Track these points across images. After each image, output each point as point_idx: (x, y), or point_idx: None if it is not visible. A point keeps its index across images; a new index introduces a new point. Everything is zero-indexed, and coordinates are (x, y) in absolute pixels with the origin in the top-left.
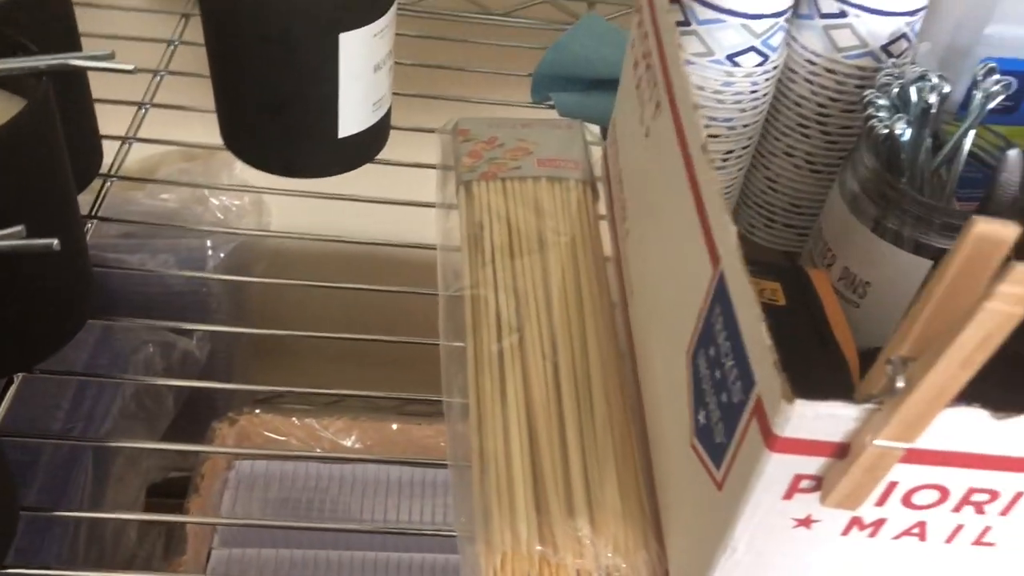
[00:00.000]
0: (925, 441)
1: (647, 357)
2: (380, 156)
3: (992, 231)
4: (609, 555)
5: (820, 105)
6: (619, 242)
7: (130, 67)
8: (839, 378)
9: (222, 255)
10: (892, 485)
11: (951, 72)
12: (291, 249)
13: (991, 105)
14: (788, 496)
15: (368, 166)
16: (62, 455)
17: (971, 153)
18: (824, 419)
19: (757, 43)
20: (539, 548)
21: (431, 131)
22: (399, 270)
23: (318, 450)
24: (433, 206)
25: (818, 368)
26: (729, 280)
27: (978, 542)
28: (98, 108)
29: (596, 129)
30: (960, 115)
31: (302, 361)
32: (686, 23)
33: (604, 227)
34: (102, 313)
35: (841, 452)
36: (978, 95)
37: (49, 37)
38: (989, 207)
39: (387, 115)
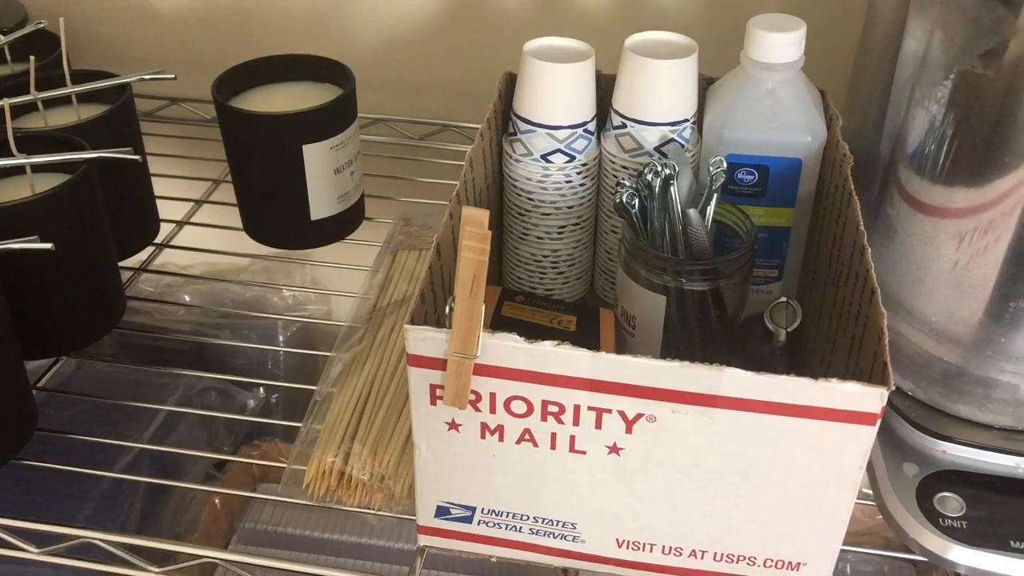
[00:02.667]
0: (489, 357)
1: None
2: (354, 237)
3: (469, 212)
4: (379, 468)
5: None
6: None
7: (137, 157)
8: None
9: (288, 334)
10: (493, 395)
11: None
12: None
13: (716, 185)
14: (433, 403)
15: None
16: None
17: (719, 222)
18: (428, 340)
19: (562, 146)
20: (335, 462)
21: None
22: None
23: None
24: None
25: None
26: None
27: (572, 449)
28: (166, 203)
29: None
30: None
31: None
32: (513, 133)
33: None
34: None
35: (444, 365)
36: (709, 179)
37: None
38: (689, 251)
39: (355, 206)
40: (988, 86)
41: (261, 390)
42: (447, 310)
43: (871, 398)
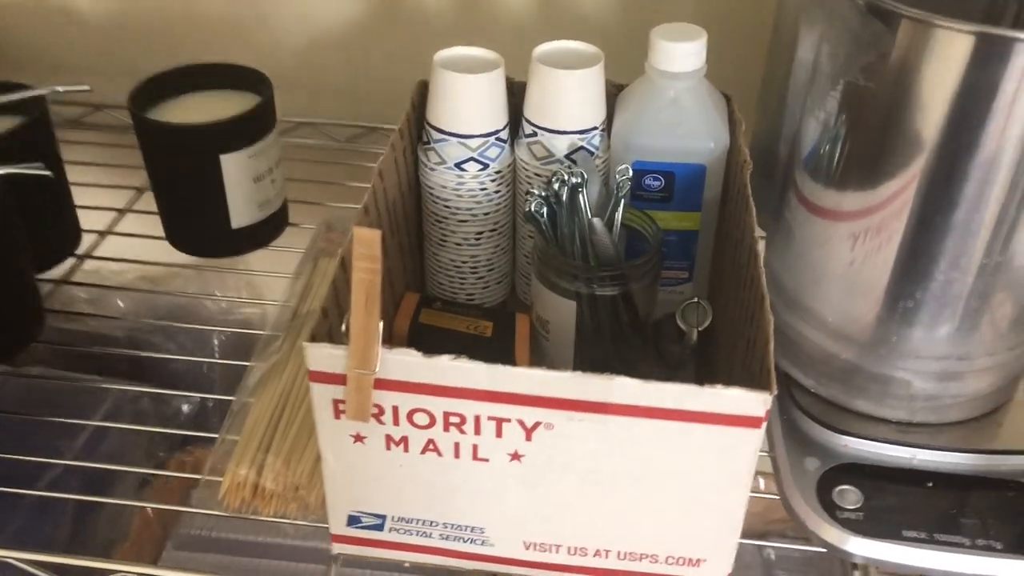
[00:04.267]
0: (389, 371)
1: None
2: (279, 243)
3: (360, 232)
4: (293, 479)
5: None
6: None
7: (48, 172)
8: None
9: (223, 339)
10: (395, 408)
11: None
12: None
13: (623, 192)
14: (337, 416)
15: None
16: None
17: (628, 227)
18: (328, 357)
19: (475, 155)
20: (249, 474)
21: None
22: None
23: None
24: None
25: None
26: None
27: (476, 457)
28: (92, 213)
29: None
30: (632, 205)
31: None
32: (427, 142)
33: None
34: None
35: (345, 381)
36: (615, 186)
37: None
38: (586, 257)
39: (277, 213)
40: (871, 97)
41: (196, 394)
42: (343, 328)
43: (755, 403)
